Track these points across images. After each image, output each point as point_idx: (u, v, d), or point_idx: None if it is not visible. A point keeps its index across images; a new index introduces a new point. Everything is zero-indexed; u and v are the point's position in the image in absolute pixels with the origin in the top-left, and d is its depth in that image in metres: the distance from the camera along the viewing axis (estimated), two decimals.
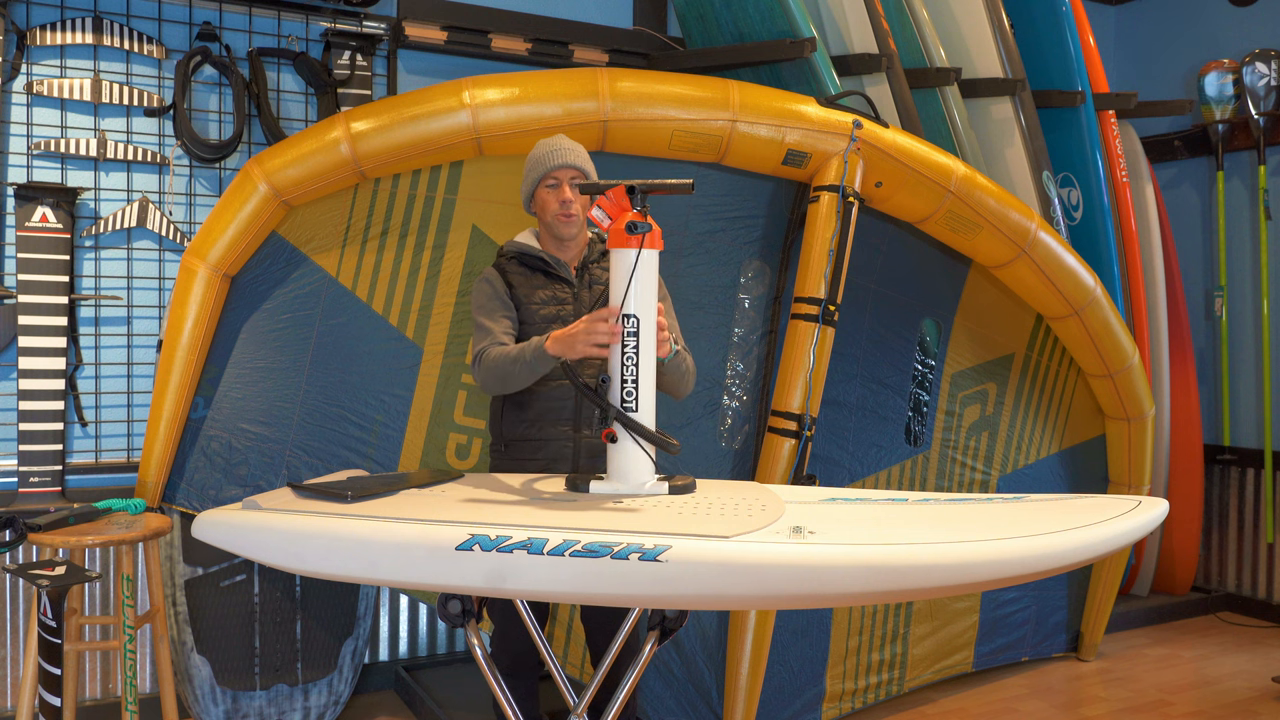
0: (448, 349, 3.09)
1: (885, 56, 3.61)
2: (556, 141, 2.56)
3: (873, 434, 3.48)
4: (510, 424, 2.54)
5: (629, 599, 1.77)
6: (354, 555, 1.81)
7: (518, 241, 2.61)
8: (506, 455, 2.56)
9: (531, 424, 2.51)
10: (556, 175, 2.51)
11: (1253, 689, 3.80)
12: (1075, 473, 4.00)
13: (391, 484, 2.13)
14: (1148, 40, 5.29)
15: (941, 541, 1.64)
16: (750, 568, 1.64)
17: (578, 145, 2.57)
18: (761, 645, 2.99)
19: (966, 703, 3.61)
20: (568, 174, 2.51)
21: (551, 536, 1.69)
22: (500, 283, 2.53)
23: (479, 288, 2.55)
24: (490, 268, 2.59)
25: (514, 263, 2.57)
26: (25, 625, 3.08)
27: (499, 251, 2.64)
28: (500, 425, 2.57)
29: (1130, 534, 1.74)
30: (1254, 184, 4.77)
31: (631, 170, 3.09)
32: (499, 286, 2.53)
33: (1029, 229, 3.35)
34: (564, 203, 2.49)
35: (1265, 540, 4.73)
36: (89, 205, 3.17)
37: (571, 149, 2.54)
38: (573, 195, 2.50)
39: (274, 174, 2.73)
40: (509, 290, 2.53)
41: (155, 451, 2.79)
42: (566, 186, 2.50)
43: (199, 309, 2.75)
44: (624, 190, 2.05)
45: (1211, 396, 4.98)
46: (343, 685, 3.18)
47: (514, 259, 2.58)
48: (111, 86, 3.16)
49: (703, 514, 1.83)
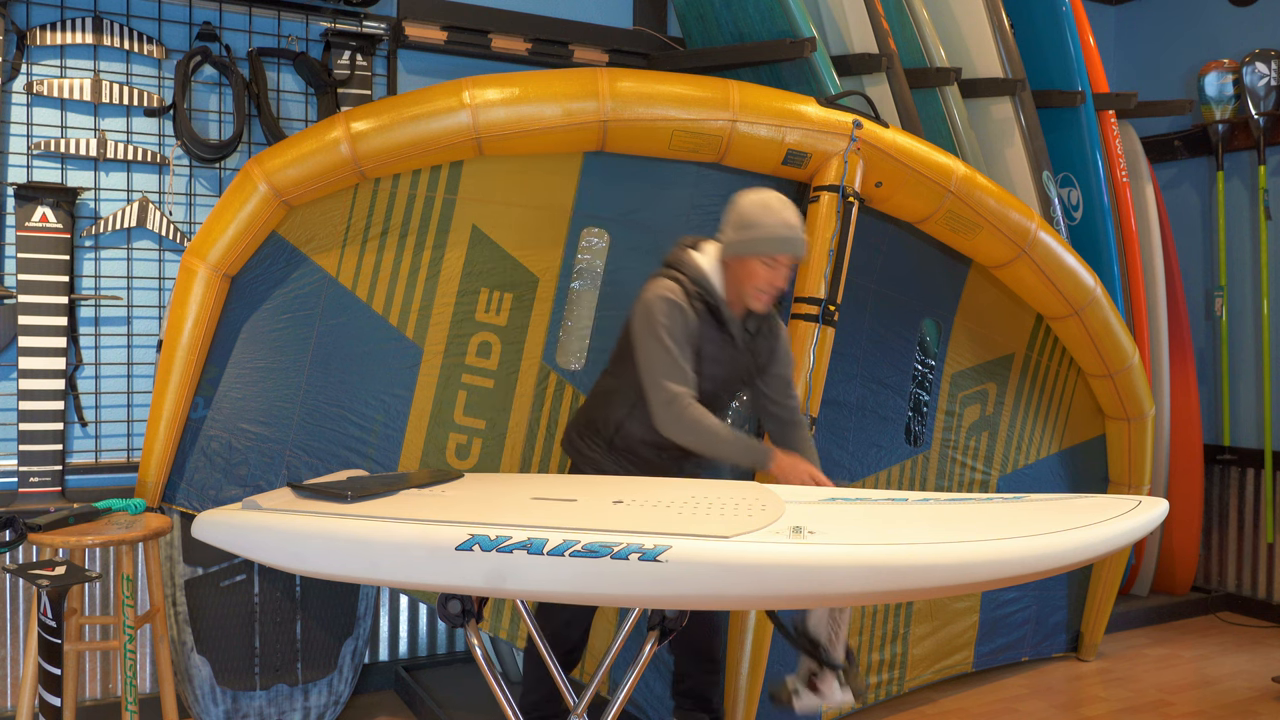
0: (448, 349, 3.09)
1: (885, 56, 3.61)
2: (796, 229, 2.52)
3: (873, 434, 3.48)
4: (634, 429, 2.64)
5: (629, 599, 1.77)
6: (354, 555, 1.81)
7: (707, 278, 2.57)
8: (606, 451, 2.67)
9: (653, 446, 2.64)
10: (781, 260, 2.51)
11: (1253, 689, 3.79)
12: (1075, 473, 4.00)
13: (391, 484, 2.13)
14: (1148, 40, 5.29)
15: (941, 541, 1.64)
16: (750, 568, 1.64)
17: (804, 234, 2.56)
18: (761, 645, 2.99)
19: (966, 703, 3.61)
20: (789, 261, 2.53)
21: (551, 536, 1.69)
22: (691, 316, 2.53)
23: (669, 309, 2.50)
24: (676, 289, 2.53)
25: (697, 298, 2.56)
26: (25, 625, 3.08)
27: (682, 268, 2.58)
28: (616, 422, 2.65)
29: (1130, 534, 1.74)
30: (1254, 184, 4.77)
31: (632, 170, 3.10)
32: (690, 320, 2.53)
33: (1029, 229, 3.35)
34: (774, 287, 2.53)
35: (1265, 540, 4.73)
36: (89, 205, 3.17)
37: (804, 241, 2.56)
38: (784, 282, 2.53)
39: (274, 174, 2.73)
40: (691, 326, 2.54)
41: (155, 451, 2.79)
42: (784, 273, 2.52)
43: (199, 309, 2.75)
44: None
45: (1211, 396, 4.98)
46: (343, 685, 3.18)
47: (699, 296, 2.57)
48: (111, 86, 3.16)
49: (703, 514, 1.83)
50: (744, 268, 2.54)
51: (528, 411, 3.17)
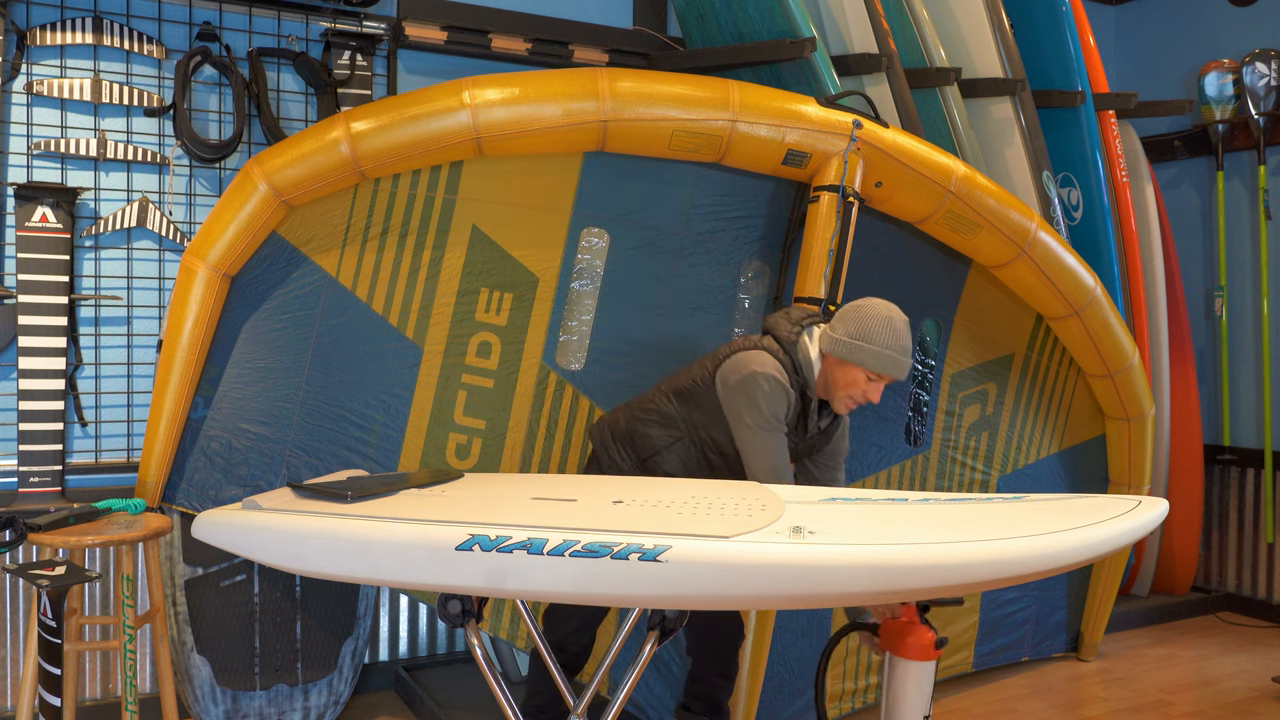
0: (448, 349, 3.09)
1: (885, 56, 3.61)
2: (909, 354, 2.54)
3: (873, 434, 3.48)
4: (670, 462, 2.69)
5: (629, 599, 1.77)
6: (354, 555, 1.81)
7: (811, 369, 2.59)
8: (634, 465, 2.73)
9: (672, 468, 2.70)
10: (885, 379, 2.54)
11: (1253, 689, 3.79)
12: (1075, 473, 4.00)
13: (391, 484, 2.13)
14: (1148, 40, 5.29)
15: (941, 541, 1.64)
16: (750, 568, 1.64)
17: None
18: (761, 645, 2.99)
19: (966, 703, 3.61)
20: (890, 381, 2.57)
21: (551, 536, 1.69)
22: (789, 403, 2.56)
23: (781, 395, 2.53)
24: (784, 374, 2.55)
25: (795, 387, 2.58)
26: (25, 625, 3.08)
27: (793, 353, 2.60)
28: (655, 448, 2.70)
29: (1130, 534, 1.74)
30: (1254, 184, 4.77)
31: (632, 170, 3.10)
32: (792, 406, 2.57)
33: (1029, 229, 3.35)
34: (866, 400, 2.56)
35: (1265, 540, 4.73)
36: (89, 205, 3.17)
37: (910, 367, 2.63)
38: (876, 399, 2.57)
39: (274, 174, 2.73)
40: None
41: (155, 451, 2.79)
42: (881, 390, 2.56)
43: (199, 309, 2.75)
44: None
45: (1211, 396, 4.98)
46: (343, 685, 3.18)
47: (797, 386, 2.59)
48: (111, 86, 3.16)
49: (703, 514, 1.83)
50: (846, 373, 2.55)
51: (528, 411, 3.17)
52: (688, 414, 2.67)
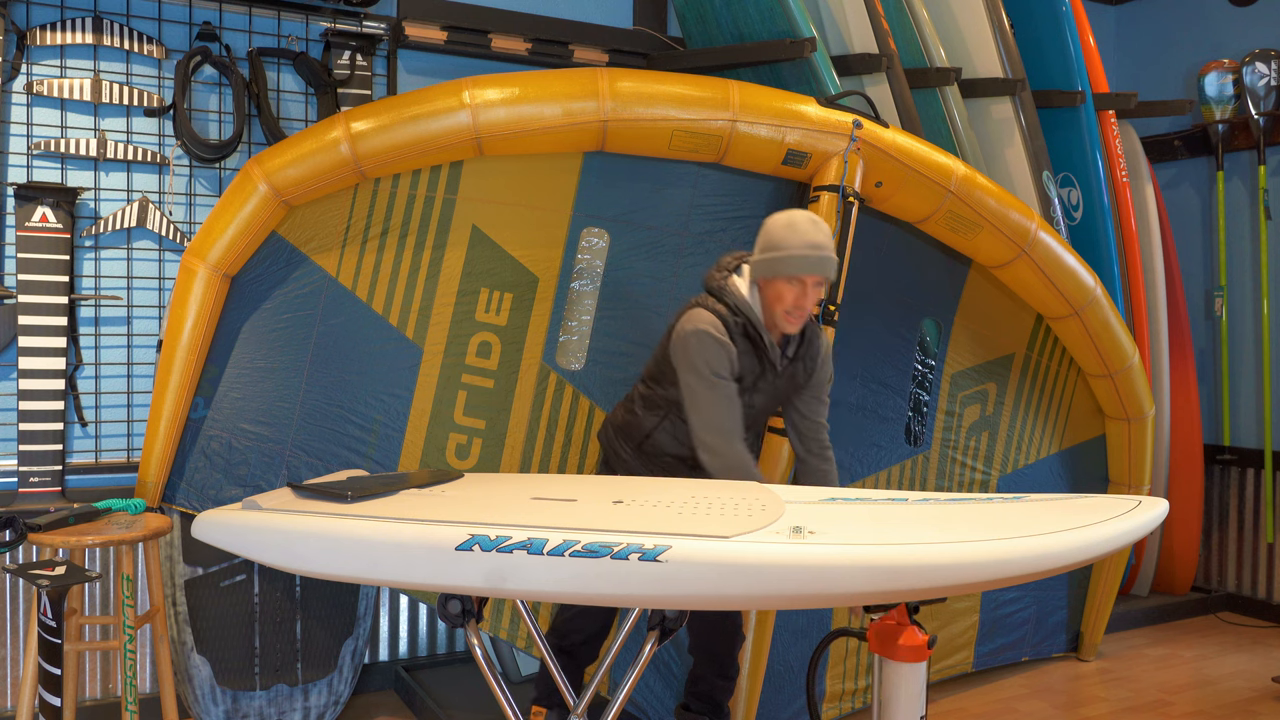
0: (448, 349, 3.09)
1: (885, 56, 3.61)
2: (823, 248, 2.44)
3: (873, 434, 3.48)
4: (663, 440, 2.71)
5: (629, 599, 1.77)
6: (354, 555, 1.81)
7: (748, 305, 2.53)
8: (635, 454, 2.74)
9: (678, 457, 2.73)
10: (808, 280, 2.45)
11: (1253, 689, 3.79)
12: (1075, 473, 4.00)
13: (391, 484, 2.13)
14: (1148, 40, 5.29)
15: (941, 541, 1.64)
16: (750, 568, 1.64)
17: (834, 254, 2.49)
18: (761, 645, 2.99)
19: (966, 703, 3.61)
20: (817, 281, 2.46)
21: (551, 536, 1.69)
22: (732, 350, 2.49)
23: (713, 346, 2.45)
24: (716, 323, 2.48)
25: (739, 330, 2.52)
26: (25, 625, 3.08)
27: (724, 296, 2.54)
28: (645, 431, 2.72)
29: (1130, 534, 1.74)
30: (1254, 184, 4.77)
31: (632, 170, 3.10)
32: (731, 354, 2.49)
33: (1029, 229, 3.35)
34: (802, 309, 2.47)
35: (1265, 540, 4.73)
36: (89, 205, 3.17)
37: (832, 260, 2.45)
38: (812, 303, 2.47)
39: (274, 174, 2.73)
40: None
41: (155, 451, 2.79)
42: (811, 291, 2.46)
43: (199, 309, 2.75)
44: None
45: (1211, 396, 4.98)
46: (343, 685, 3.18)
47: (741, 327, 2.53)
48: (111, 86, 3.16)
49: (703, 514, 1.83)
50: (772, 289, 2.49)
51: (528, 411, 3.17)
52: (664, 392, 2.68)
